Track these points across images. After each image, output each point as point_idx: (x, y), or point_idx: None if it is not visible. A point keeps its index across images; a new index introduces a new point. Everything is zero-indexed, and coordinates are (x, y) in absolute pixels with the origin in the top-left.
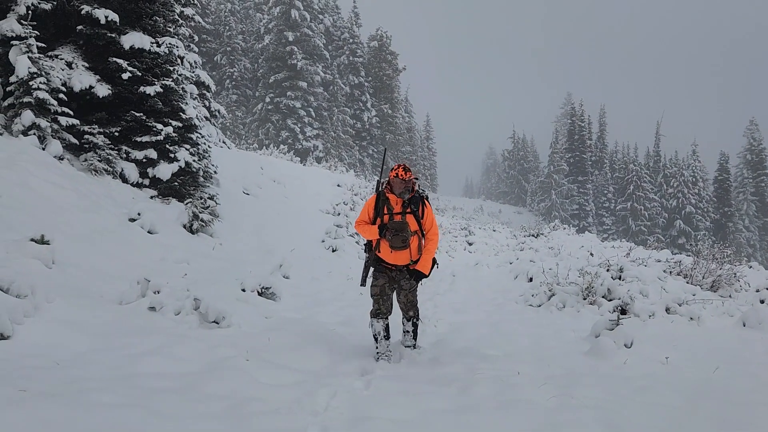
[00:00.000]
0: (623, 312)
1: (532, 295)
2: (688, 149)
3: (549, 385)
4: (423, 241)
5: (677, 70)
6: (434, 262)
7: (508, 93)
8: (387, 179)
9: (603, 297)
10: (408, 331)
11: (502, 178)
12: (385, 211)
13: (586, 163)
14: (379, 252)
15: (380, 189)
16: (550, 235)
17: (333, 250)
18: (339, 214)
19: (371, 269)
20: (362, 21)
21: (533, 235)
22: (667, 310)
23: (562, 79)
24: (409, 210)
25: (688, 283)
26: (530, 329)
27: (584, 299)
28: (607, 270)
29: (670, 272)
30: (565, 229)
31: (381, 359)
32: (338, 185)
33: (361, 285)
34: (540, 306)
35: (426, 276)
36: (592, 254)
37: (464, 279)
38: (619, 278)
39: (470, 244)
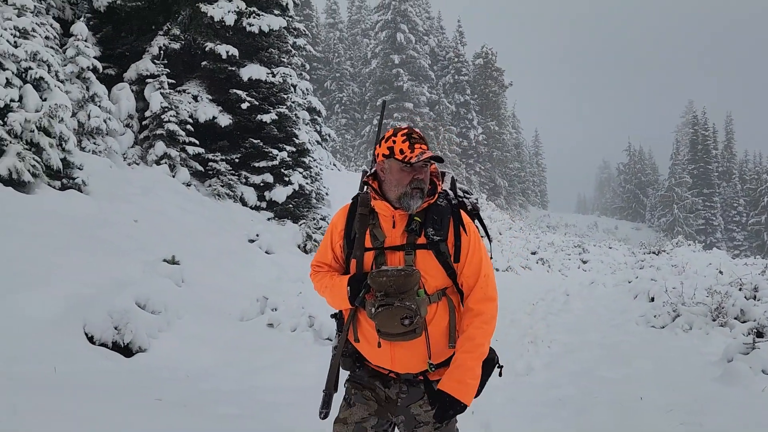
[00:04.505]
0: (759, 335)
1: (654, 316)
2: None
3: (676, 412)
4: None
5: None
6: (493, 364)
7: (621, 104)
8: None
9: (735, 318)
10: None
11: (617, 193)
12: (368, 243)
13: (711, 174)
14: (356, 341)
15: (361, 191)
16: (673, 252)
17: None
18: None
19: (344, 380)
20: (467, 39)
21: (654, 253)
22: None
23: (681, 87)
24: (423, 239)
25: None
26: (652, 352)
27: (713, 320)
28: (740, 289)
29: None
30: (689, 245)
31: None
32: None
33: (321, 412)
34: (663, 327)
35: (466, 407)
36: (721, 272)
37: (578, 298)
38: (754, 298)
39: (584, 262)
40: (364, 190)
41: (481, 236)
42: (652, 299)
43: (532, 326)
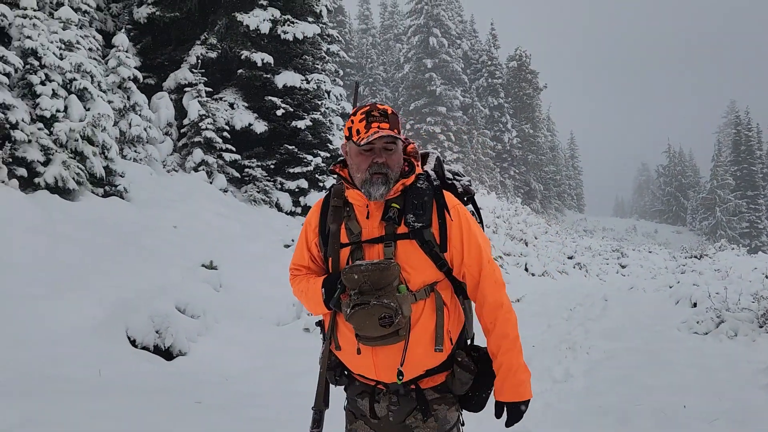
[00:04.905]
0: None
1: (697, 322)
2: None
3: (722, 422)
4: (463, 309)
5: None
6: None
7: (660, 105)
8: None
9: None
10: None
11: (656, 196)
12: (344, 238)
13: (756, 175)
14: (338, 349)
15: (334, 186)
16: (716, 257)
17: None
18: None
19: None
20: (500, 42)
21: (696, 257)
22: None
23: (722, 87)
24: (404, 227)
25: None
26: (696, 359)
27: (760, 327)
28: None
29: None
30: (733, 249)
31: None
32: (480, 208)
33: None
34: (707, 334)
35: (530, 399)
36: (767, 277)
37: (617, 303)
38: None
39: (623, 267)
40: (338, 183)
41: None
42: (695, 305)
43: (570, 332)
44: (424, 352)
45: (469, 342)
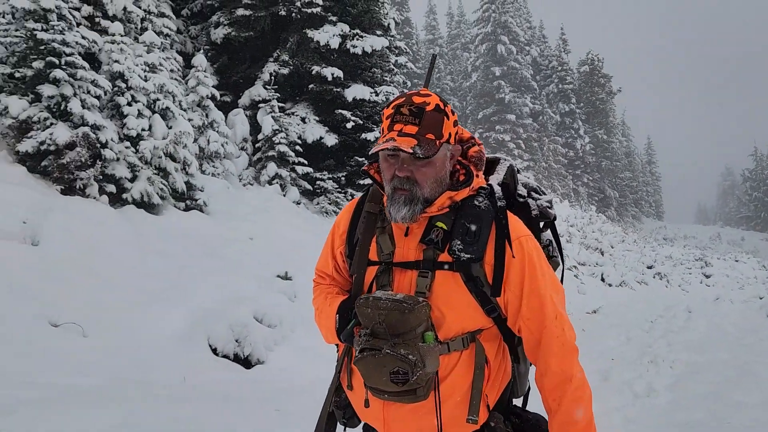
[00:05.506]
0: None
1: None
2: None
3: None
4: (515, 365)
5: None
6: None
7: (744, 105)
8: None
9: None
10: None
11: (743, 201)
12: (373, 255)
13: None
14: (349, 388)
15: (373, 186)
16: None
17: None
18: None
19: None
20: (571, 47)
21: None
22: None
23: None
24: (447, 255)
25: None
26: None
27: None
28: None
29: None
30: None
31: None
32: (559, 235)
33: None
34: None
35: None
36: None
37: (702, 315)
38: None
39: (707, 277)
40: (372, 187)
41: (552, 256)
42: None
43: (651, 344)
44: (451, 418)
45: (520, 401)
